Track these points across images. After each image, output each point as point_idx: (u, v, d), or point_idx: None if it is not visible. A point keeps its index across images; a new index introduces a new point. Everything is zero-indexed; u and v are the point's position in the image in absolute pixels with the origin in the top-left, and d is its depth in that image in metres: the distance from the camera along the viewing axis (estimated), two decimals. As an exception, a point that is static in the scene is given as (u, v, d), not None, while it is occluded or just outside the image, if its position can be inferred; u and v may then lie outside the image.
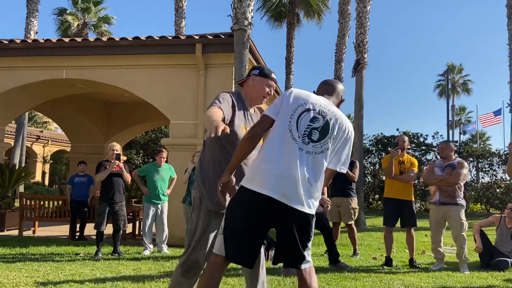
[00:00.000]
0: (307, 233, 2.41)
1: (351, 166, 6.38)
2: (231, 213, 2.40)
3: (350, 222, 6.40)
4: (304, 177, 2.36)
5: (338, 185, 6.51)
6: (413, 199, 5.91)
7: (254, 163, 2.45)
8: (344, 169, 2.53)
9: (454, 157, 5.75)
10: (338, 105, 2.68)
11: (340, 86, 2.71)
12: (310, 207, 2.40)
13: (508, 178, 17.01)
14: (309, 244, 2.46)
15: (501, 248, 5.94)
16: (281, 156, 2.36)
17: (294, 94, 2.49)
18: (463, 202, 5.57)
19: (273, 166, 2.35)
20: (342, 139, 2.49)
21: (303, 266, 2.42)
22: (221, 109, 2.54)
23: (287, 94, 2.50)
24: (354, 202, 6.53)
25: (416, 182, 9.88)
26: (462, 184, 5.60)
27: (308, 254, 2.45)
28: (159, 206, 6.66)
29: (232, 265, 5.01)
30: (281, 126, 2.41)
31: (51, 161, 26.78)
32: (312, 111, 2.44)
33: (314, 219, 2.46)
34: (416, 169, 5.88)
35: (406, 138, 6.04)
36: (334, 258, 5.59)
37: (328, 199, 6.07)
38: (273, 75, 2.88)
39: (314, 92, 2.67)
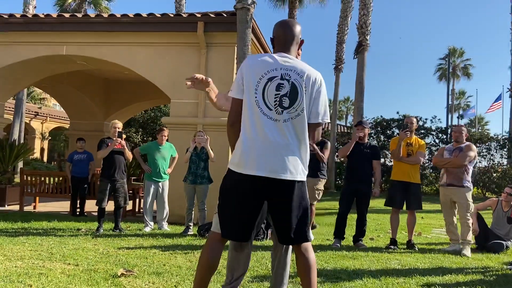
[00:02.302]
0: (303, 200, 2.43)
1: (322, 146, 6.37)
2: (223, 194, 2.46)
3: (313, 202, 6.47)
4: (287, 146, 2.36)
5: (309, 166, 6.57)
6: (420, 182, 5.95)
7: (236, 145, 2.46)
8: (327, 119, 2.49)
9: (464, 141, 5.77)
10: (299, 48, 2.61)
11: (298, 29, 2.57)
12: (300, 174, 2.41)
13: (505, 163, 17.13)
14: (308, 213, 2.46)
15: (497, 231, 6.05)
16: (258, 132, 2.36)
17: (252, 65, 2.43)
18: (469, 184, 5.63)
19: (252, 145, 2.36)
20: (315, 90, 2.45)
21: (311, 237, 2.46)
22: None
23: (244, 67, 2.45)
24: (321, 184, 6.59)
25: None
26: (470, 167, 5.65)
27: (308, 224, 2.47)
28: (160, 184, 6.71)
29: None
30: (249, 103, 2.40)
31: (50, 138, 26.78)
32: (275, 79, 2.39)
33: (306, 185, 2.46)
34: (424, 151, 5.91)
35: (415, 120, 6.02)
36: (356, 238, 5.94)
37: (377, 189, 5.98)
38: None
39: (271, 39, 2.58)
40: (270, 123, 2.37)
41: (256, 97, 2.38)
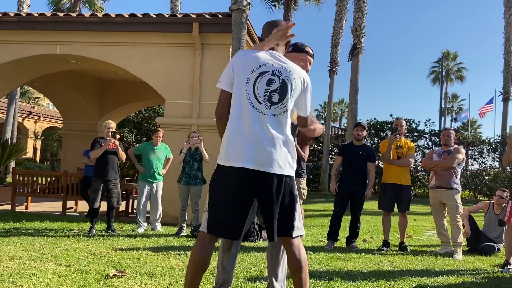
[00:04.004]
0: (291, 195, 2.41)
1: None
2: (212, 191, 2.45)
3: (300, 202, 6.49)
4: (275, 140, 2.37)
5: None
6: (411, 184, 6.03)
7: (223, 139, 2.46)
8: (313, 115, 2.55)
9: (452, 144, 5.83)
10: (286, 48, 2.66)
11: None
12: (288, 168, 2.41)
13: (497, 166, 17.27)
14: (297, 208, 2.44)
15: (489, 234, 6.10)
16: (246, 126, 2.37)
17: (244, 59, 2.45)
18: (458, 186, 5.70)
19: (240, 138, 2.36)
20: (301, 90, 2.50)
21: (294, 234, 2.41)
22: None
23: (236, 60, 2.47)
24: (304, 183, 6.60)
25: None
26: (458, 169, 5.71)
27: (298, 220, 2.45)
28: (154, 185, 6.69)
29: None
30: (239, 96, 2.41)
31: (42, 138, 26.59)
32: (266, 73, 2.41)
33: (294, 180, 2.46)
34: (413, 153, 5.97)
35: (404, 122, 6.06)
36: (349, 239, 6.01)
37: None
38: (307, 49, 2.93)
39: (260, 39, 2.62)
40: (259, 116, 2.38)
41: (246, 90, 2.39)
